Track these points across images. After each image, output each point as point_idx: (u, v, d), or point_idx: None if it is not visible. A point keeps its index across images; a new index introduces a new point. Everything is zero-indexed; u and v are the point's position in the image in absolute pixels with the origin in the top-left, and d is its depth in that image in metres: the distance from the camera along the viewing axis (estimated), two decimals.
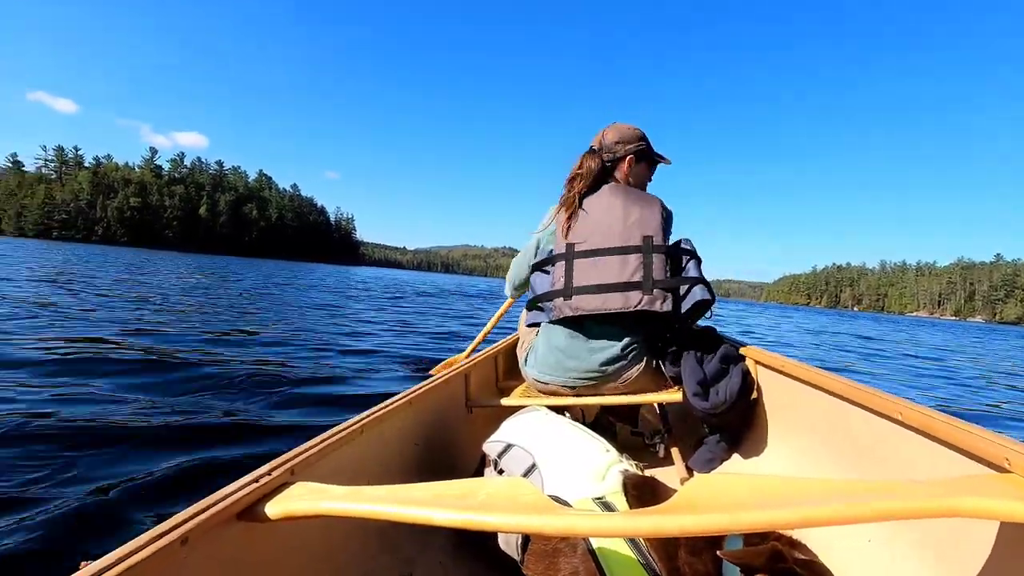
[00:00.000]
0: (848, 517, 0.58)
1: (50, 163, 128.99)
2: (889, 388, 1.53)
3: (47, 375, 3.11)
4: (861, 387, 1.20)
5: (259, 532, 0.74)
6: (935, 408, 1.00)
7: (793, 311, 68.46)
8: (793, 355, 2.05)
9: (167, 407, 2.68)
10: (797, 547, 0.74)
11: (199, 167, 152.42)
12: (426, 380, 1.50)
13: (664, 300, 1.55)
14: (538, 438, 1.16)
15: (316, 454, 0.87)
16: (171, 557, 0.58)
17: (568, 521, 0.61)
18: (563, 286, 1.60)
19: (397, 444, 1.27)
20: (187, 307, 7.55)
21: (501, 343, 2.37)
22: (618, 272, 1.57)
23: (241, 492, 0.69)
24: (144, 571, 0.54)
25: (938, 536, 0.89)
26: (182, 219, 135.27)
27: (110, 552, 0.54)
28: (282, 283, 17.11)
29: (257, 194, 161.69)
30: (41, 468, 1.87)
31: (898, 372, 7.77)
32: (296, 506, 0.70)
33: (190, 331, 5.24)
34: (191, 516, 0.63)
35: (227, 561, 0.69)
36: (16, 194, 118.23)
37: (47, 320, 5.12)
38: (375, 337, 6.09)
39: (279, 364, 3.99)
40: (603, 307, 1.56)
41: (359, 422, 1.05)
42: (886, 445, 1.10)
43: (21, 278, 9.83)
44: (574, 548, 0.86)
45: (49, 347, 3.83)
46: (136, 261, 24.09)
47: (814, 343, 12.48)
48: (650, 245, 1.58)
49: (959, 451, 0.90)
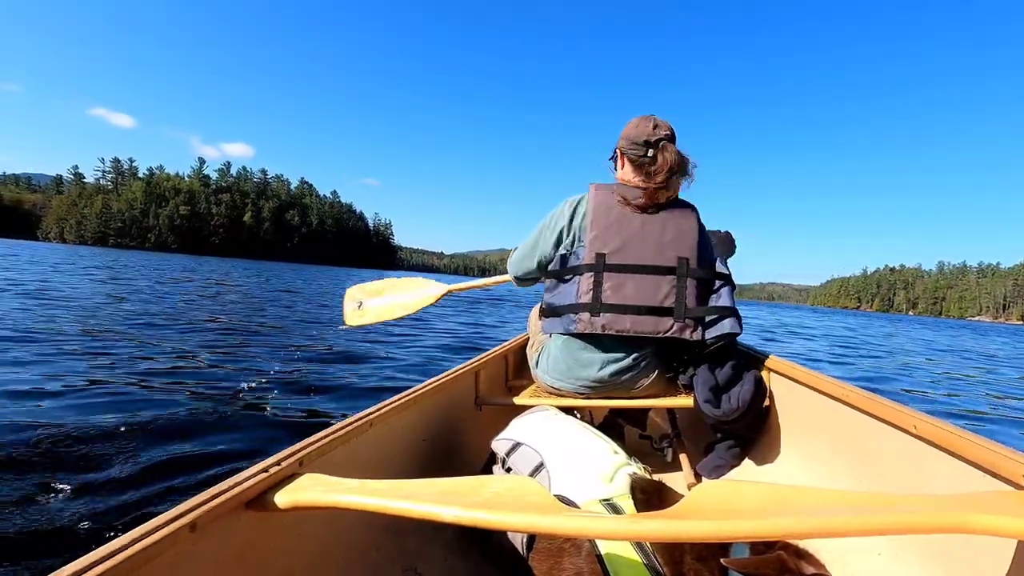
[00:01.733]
0: (857, 529, 0.57)
1: (107, 174, 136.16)
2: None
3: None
4: (874, 398, 1.19)
5: (267, 521, 0.75)
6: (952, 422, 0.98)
7: (844, 315, 65.35)
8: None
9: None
10: (804, 557, 0.73)
11: (244, 176, 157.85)
12: (436, 376, 1.49)
13: (695, 329, 1.52)
14: (546, 438, 1.16)
15: (325, 446, 0.88)
16: (180, 543, 0.59)
17: (574, 522, 0.61)
18: (591, 300, 1.52)
19: (406, 439, 1.28)
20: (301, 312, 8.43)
21: (511, 342, 2.32)
22: (651, 294, 1.51)
23: (250, 481, 0.70)
24: (153, 556, 0.55)
25: (950, 552, 0.87)
26: (227, 226, 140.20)
27: (120, 536, 0.55)
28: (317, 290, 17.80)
29: (298, 201, 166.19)
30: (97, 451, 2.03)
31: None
32: (304, 497, 0.70)
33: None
34: (200, 503, 0.63)
35: (235, 548, 0.70)
36: (77, 204, 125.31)
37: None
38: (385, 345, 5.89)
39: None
40: (632, 329, 1.51)
41: (368, 416, 1.05)
42: (898, 457, 1.08)
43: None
44: (579, 548, 0.86)
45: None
46: (222, 268, 26.54)
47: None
48: (685, 268, 1.52)
49: (974, 466, 0.88)
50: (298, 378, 3.52)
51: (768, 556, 0.70)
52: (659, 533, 0.59)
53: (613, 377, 1.58)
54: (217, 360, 3.94)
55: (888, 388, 5.83)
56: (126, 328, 5.15)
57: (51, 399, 2.65)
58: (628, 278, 1.51)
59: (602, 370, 1.57)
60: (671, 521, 0.60)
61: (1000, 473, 0.81)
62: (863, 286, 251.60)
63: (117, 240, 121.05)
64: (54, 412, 2.44)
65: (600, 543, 0.83)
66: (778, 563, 0.69)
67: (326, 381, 3.53)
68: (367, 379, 3.75)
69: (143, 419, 2.42)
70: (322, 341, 5.32)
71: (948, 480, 0.93)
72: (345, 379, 3.66)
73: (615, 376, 1.58)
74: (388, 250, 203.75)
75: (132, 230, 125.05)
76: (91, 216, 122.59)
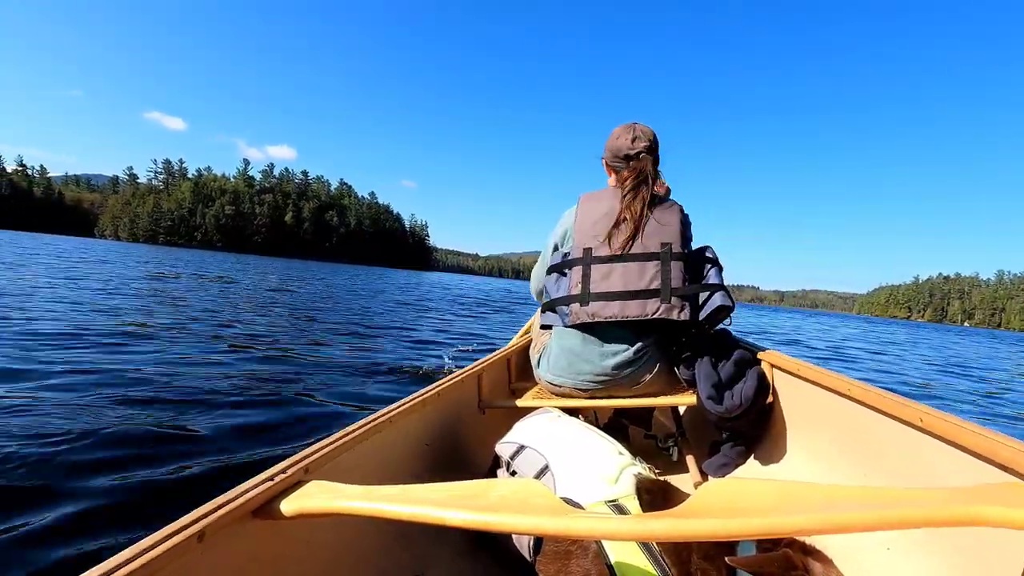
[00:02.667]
0: (864, 524, 0.56)
1: (159, 175, 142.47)
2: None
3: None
4: (879, 392, 1.18)
5: (274, 529, 0.75)
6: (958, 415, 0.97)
7: (897, 325, 61.90)
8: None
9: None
10: (812, 554, 0.73)
11: (286, 177, 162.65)
12: (439, 381, 1.49)
13: (682, 309, 1.55)
14: (551, 440, 1.16)
15: (330, 453, 0.88)
16: (188, 553, 0.59)
17: (580, 524, 0.61)
18: (580, 291, 1.59)
19: (410, 444, 1.28)
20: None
21: (514, 345, 2.31)
22: (636, 279, 1.56)
23: (257, 490, 0.70)
24: (161, 566, 0.55)
25: (961, 546, 0.87)
26: (269, 226, 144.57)
27: (128, 547, 0.55)
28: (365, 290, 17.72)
29: (337, 202, 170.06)
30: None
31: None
32: (310, 504, 0.70)
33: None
34: (207, 513, 0.63)
35: (242, 557, 0.70)
36: (131, 203, 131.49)
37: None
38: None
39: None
40: (620, 314, 1.56)
41: (373, 421, 1.05)
42: (905, 451, 1.08)
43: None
44: (586, 550, 0.86)
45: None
46: (281, 268, 27.18)
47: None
48: (668, 252, 1.57)
49: (983, 459, 0.87)
50: (302, 383, 3.46)
51: (775, 554, 0.70)
52: (666, 533, 0.59)
53: (614, 372, 1.61)
54: (223, 362, 3.88)
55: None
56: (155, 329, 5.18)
57: (54, 399, 2.62)
58: (614, 267, 1.57)
59: (603, 362, 1.61)
60: (677, 521, 0.60)
61: (1009, 465, 0.81)
62: (914, 294, 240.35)
63: (167, 238, 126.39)
64: (57, 413, 2.40)
65: (607, 544, 0.83)
66: (785, 560, 0.69)
67: (328, 384, 3.51)
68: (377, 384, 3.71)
69: (147, 423, 2.39)
70: (327, 345, 5.23)
71: (956, 474, 0.93)
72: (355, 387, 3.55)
73: (616, 370, 1.61)
74: (424, 251, 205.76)
75: (180, 228, 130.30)
76: (143, 215, 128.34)
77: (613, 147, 1.68)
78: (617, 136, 1.68)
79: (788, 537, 0.73)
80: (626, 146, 1.65)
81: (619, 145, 1.67)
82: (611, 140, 1.70)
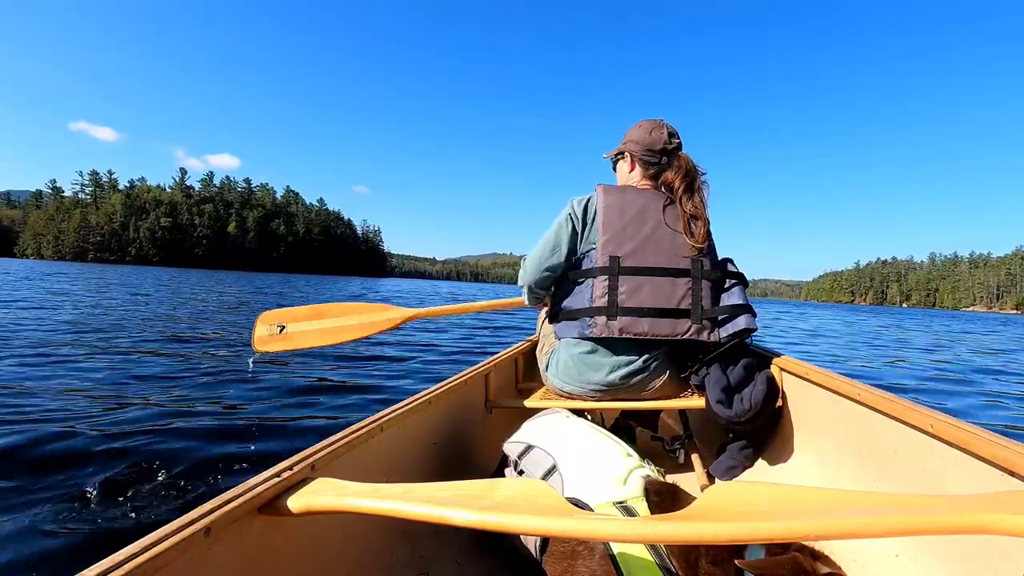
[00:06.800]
0: (873, 530, 0.55)
1: (86, 188, 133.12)
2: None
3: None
4: (890, 397, 1.17)
5: (280, 525, 0.75)
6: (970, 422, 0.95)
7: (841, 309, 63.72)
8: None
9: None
10: (820, 559, 0.72)
11: (228, 185, 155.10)
12: (446, 379, 1.49)
13: (712, 330, 1.53)
14: (558, 440, 1.16)
15: (337, 450, 0.88)
16: (194, 547, 0.59)
17: (587, 525, 0.61)
18: (607, 304, 1.52)
19: (417, 442, 1.28)
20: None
21: (521, 344, 2.29)
22: (667, 296, 1.51)
23: (263, 486, 0.70)
24: (168, 561, 0.56)
25: (969, 554, 0.86)
26: (211, 237, 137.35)
27: (135, 541, 0.55)
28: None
29: (284, 210, 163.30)
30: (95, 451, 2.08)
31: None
32: (316, 501, 0.70)
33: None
34: (214, 508, 0.64)
35: (248, 553, 0.70)
36: (55, 219, 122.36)
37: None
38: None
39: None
40: (651, 332, 1.51)
41: (379, 419, 1.05)
42: (915, 457, 1.07)
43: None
44: (593, 551, 0.86)
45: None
46: (183, 280, 23.71)
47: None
48: (699, 270, 1.53)
49: (993, 465, 0.86)
50: (307, 382, 3.57)
51: (783, 558, 0.69)
52: (673, 535, 0.59)
53: (623, 380, 1.57)
54: (222, 364, 3.99)
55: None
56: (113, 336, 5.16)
57: (56, 402, 2.73)
58: (644, 281, 1.51)
59: (612, 374, 1.57)
60: (685, 523, 0.59)
61: (1020, 472, 0.80)
62: (856, 280, 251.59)
63: (97, 255, 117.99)
64: (61, 415, 2.49)
65: (614, 546, 0.83)
66: (793, 564, 0.68)
67: (331, 385, 3.62)
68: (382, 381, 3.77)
69: (151, 425, 2.43)
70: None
71: (966, 480, 0.92)
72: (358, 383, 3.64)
73: (625, 379, 1.57)
74: (378, 257, 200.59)
75: (112, 244, 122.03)
76: (69, 231, 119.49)
77: (646, 141, 1.59)
78: (649, 130, 1.60)
79: (796, 542, 0.72)
80: (662, 140, 1.58)
81: (653, 139, 1.58)
82: (640, 133, 1.61)
